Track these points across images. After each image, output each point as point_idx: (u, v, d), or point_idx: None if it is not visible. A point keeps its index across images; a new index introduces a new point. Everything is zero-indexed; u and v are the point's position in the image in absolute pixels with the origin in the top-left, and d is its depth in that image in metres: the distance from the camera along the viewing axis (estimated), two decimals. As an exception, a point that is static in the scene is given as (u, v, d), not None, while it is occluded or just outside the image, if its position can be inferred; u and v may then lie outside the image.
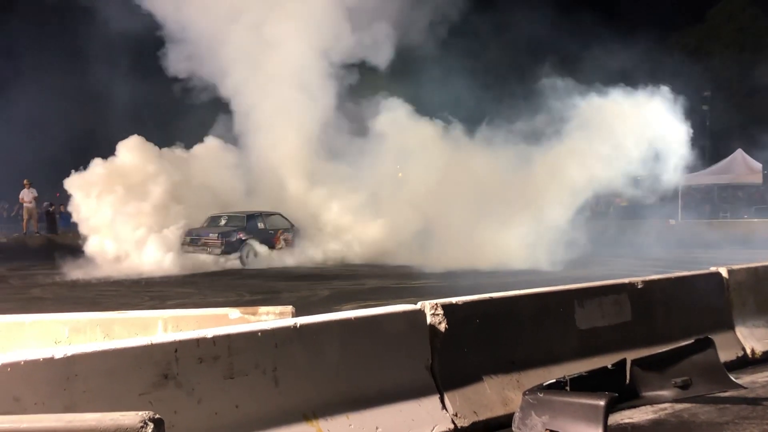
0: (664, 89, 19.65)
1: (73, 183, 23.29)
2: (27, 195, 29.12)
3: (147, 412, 3.05)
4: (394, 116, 24.55)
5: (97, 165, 23.57)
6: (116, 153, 24.19)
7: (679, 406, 5.98)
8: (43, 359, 3.89)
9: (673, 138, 19.04)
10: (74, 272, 19.71)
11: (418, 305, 5.49)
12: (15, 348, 5.66)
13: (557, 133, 20.67)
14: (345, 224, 23.78)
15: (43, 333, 5.96)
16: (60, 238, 29.43)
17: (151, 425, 3.01)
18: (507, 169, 21.61)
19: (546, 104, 21.02)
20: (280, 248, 22.30)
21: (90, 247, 22.09)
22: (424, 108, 25.26)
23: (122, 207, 22.42)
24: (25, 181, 29.22)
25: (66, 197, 28.50)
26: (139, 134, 24.97)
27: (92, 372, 3.99)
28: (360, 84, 26.11)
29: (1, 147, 31.52)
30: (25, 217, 29.53)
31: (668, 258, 19.87)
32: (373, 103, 25.23)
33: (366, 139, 25.01)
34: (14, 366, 3.81)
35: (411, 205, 23.27)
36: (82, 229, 23.25)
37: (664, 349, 6.13)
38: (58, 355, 3.93)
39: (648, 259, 19.78)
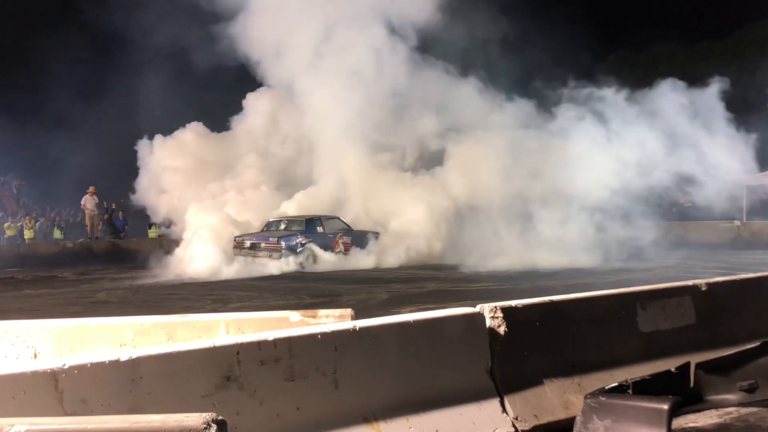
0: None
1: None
2: (89, 202, 29.79)
3: (210, 414, 3.10)
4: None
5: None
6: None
7: (744, 411, 5.85)
8: (109, 362, 3.97)
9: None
10: (138, 276, 20.11)
11: (477, 308, 5.47)
12: (82, 351, 5.79)
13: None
14: (403, 226, 23.77)
15: (109, 336, 6.07)
16: (124, 243, 30.04)
17: (214, 426, 3.05)
18: (566, 158, 21.53)
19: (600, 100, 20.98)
20: (339, 251, 22.43)
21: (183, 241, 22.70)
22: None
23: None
24: (90, 188, 29.90)
25: (127, 204, 29.33)
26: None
27: (156, 374, 4.05)
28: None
29: (67, 154, 32.35)
30: (88, 223, 30.25)
31: (733, 260, 19.51)
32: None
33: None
34: (81, 368, 3.90)
35: (469, 206, 23.24)
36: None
37: (729, 352, 6.01)
38: (123, 358, 4.00)
39: (712, 260, 19.44)
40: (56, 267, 24.29)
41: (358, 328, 4.80)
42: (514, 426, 5.17)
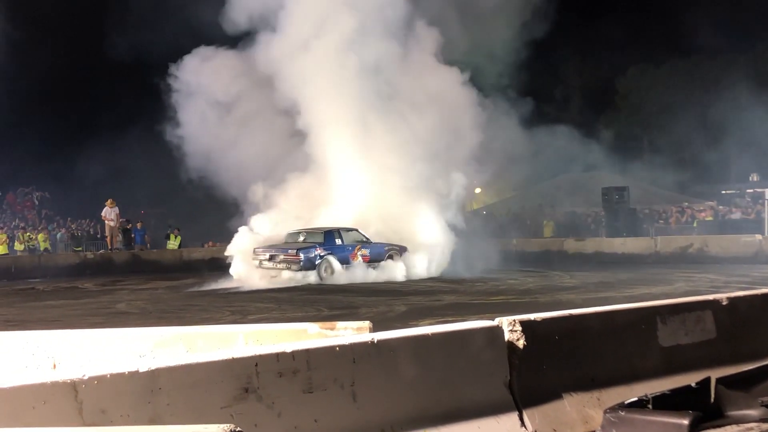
0: None
1: None
2: (109, 214, 29.96)
3: (229, 425, 3.10)
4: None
5: None
6: None
7: (765, 426, 5.78)
8: (129, 372, 3.99)
9: None
10: (157, 287, 20.21)
11: (496, 321, 5.45)
12: (101, 361, 5.81)
13: None
14: (422, 239, 23.71)
15: (128, 347, 6.10)
16: (144, 254, 30.19)
17: (232, 438, 3.05)
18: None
19: None
20: (358, 264, 22.39)
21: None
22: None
23: None
24: (108, 201, 30.07)
25: (146, 215, 29.38)
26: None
27: (176, 385, 4.06)
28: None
29: (88, 166, 32.56)
30: (108, 235, 30.43)
31: (754, 274, 19.35)
32: None
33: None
34: (101, 379, 3.91)
35: (491, 216, 23.34)
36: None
37: (750, 368, 5.96)
38: (142, 369, 4.02)
39: (733, 275, 19.29)
40: (77, 278, 24.43)
41: (376, 341, 4.80)
42: (532, 440, 5.15)
